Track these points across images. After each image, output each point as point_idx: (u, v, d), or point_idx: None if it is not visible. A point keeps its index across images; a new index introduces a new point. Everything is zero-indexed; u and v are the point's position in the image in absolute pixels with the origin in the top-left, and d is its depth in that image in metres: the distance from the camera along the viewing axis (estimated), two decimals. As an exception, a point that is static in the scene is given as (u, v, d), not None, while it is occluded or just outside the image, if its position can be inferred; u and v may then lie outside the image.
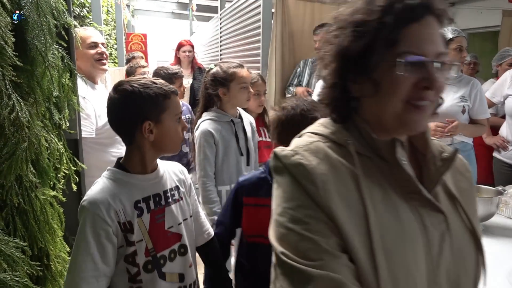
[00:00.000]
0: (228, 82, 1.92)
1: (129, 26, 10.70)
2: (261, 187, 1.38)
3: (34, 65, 1.06)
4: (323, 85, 0.78)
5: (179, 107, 1.20)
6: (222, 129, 1.96)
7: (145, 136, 1.13)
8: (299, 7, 3.39)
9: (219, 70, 1.95)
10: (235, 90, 1.93)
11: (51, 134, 1.28)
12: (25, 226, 1.01)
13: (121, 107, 1.13)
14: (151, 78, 1.18)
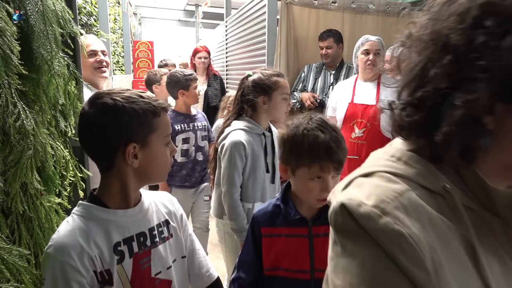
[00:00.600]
0: (271, 90, 1.82)
1: (136, 34, 10.80)
2: (276, 216, 1.28)
3: (40, 73, 1.07)
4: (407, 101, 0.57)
5: (169, 127, 1.02)
6: (253, 142, 1.84)
7: (128, 161, 0.93)
8: (304, 14, 3.40)
9: (262, 77, 1.84)
10: (276, 100, 1.83)
11: (57, 141, 1.28)
12: (30, 234, 1.01)
13: (99, 126, 0.91)
14: (136, 91, 0.98)
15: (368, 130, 2.55)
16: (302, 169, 1.16)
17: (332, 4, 3.43)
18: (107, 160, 0.94)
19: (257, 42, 3.76)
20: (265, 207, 1.33)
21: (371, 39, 2.67)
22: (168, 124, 1.01)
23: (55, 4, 1.23)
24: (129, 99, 0.93)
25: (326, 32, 3.15)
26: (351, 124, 2.61)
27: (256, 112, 1.86)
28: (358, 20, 3.50)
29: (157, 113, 0.96)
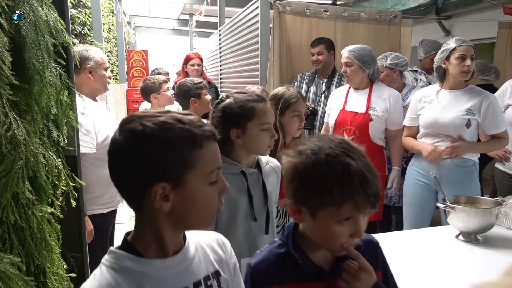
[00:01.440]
0: (244, 121, 1.46)
1: (130, 43, 10.82)
2: (283, 268, 0.96)
3: (31, 83, 1.08)
4: None
5: (216, 160, 0.80)
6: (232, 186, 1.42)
7: (156, 205, 0.74)
8: (296, 22, 3.44)
9: (232, 104, 1.48)
10: (253, 133, 1.46)
11: (50, 151, 1.29)
12: (21, 244, 1.01)
13: (123, 157, 0.75)
14: (178, 114, 0.78)
15: (356, 137, 2.57)
16: (327, 210, 0.87)
17: (324, 12, 3.47)
18: (134, 198, 0.77)
19: (250, 50, 3.79)
20: (264, 256, 1.00)
21: (344, 51, 2.67)
22: (214, 157, 0.79)
23: (48, 15, 1.24)
24: (164, 125, 0.74)
25: (317, 39, 3.19)
26: (341, 131, 2.65)
27: (232, 146, 1.49)
28: (350, 28, 3.54)
29: (197, 144, 0.75)
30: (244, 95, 1.50)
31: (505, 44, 3.98)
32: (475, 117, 2.29)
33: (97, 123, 2.00)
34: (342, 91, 2.79)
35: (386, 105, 2.60)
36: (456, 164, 2.33)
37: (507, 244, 1.78)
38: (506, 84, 2.84)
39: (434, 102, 2.41)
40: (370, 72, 2.64)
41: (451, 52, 2.30)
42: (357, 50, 2.62)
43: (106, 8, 6.65)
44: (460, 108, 2.31)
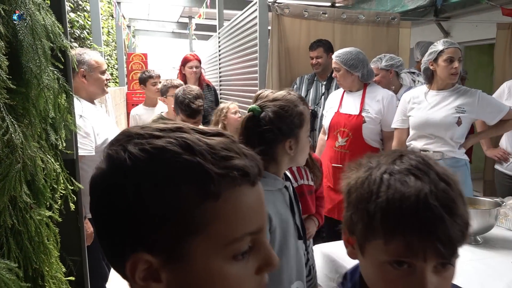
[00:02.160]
0: (298, 128, 1.31)
1: (129, 46, 10.84)
2: None
3: (28, 87, 1.08)
4: None
5: (253, 218, 0.48)
6: (278, 204, 1.28)
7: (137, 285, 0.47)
8: (294, 25, 3.44)
9: (283, 112, 1.28)
10: (304, 140, 1.33)
11: (48, 154, 1.29)
12: (19, 247, 1.01)
13: (97, 197, 0.48)
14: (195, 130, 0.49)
15: (350, 139, 2.60)
16: (374, 243, 0.66)
17: (323, 15, 3.48)
18: (116, 263, 0.49)
19: (249, 53, 3.79)
20: None
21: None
22: (246, 214, 0.47)
23: (45, 19, 1.24)
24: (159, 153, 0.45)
25: (316, 42, 3.20)
26: (335, 133, 2.67)
27: (274, 160, 1.29)
28: (349, 31, 3.55)
29: (210, 192, 0.45)
30: (286, 100, 1.31)
31: (504, 45, 3.98)
32: (465, 115, 2.31)
33: (96, 125, 2.01)
34: (338, 94, 2.81)
35: (380, 106, 2.61)
36: (448, 164, 2.34)
37: (507, 245, 1.78)
38: (503, 86, 2.85)
39: (423, 102, 2.44)
40: (359, 75, 2.64)
41: (439, 54, 2.33)
42: (343, 55, 2.65)
43: (106, 11, 6.67)
44: (449, 106, 2.34)
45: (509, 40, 3.93)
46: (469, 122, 2.39)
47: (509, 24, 3.90)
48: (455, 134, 2.34)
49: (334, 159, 2.67)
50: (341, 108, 2.71)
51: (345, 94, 2.76)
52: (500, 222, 1.96)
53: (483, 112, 2.35)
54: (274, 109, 1.27)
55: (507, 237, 1.87)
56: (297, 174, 1.86)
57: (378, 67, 3.02)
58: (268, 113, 1.27)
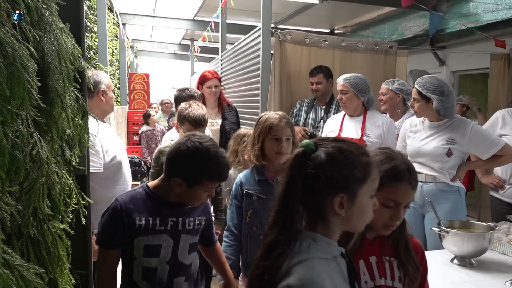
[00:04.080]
0: (360, 182, 0.99)
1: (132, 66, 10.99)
2: None
3: (52, 106, 1.15)
4: None
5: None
6: (335, 278, 0.96)
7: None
8: (296, 50, 3.57)
9: (338, 157, 0.98)
10: (364, 199, 1.01)
11: (62, 169, 1.35)
12: (37, 257, 1.06)
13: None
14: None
15: None
16: None
17: (323, 42, 3.61)
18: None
19: (251, 76, 3.90)
20: None
21: (339, 79, 2.82)
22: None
23: (67, 42, 1.33)
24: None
25: (316, 69, 3.31)
26: None
27: (321, 218, 1.00)
28: (348, 57, 3.68)
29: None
30: (350, 145, 1.02)
31: (497, 74, 4.11)
32: (456, 146, 2.36)
33: (104, 143, 2.07)
34: (338, 118, 2.89)
35: (380, 131, 2.69)
36: (439, 188, 2.41)
37: (501, 269, 1.83)
38: (497, 115, 2.94)
39: (419, 132, 2.53)
40: (364, 100, 2.74)
41: None
42: (353, 79, 2.74)
43: (111, 33, 6.83)
44: (441, 137, 2.41)
45: (502, 70, 4.07)
46: (461, 154, 2.41)
47: (502, 55, 4.04)
48: (446, 165, 2.39)
49: None
50: (342, 132, 2.79)
51: (345, 118, 2.84)
52: (494, 246, 2.02)
53: (475, 146, 2.37)
54: (329, 151, 0.98)
55: (501, 261, 1.92)
56: (376, 269, 1.27)
57: (389, 87, 3.15)
58: (321, 154, 0.98)
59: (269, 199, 1.85)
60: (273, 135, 1.86)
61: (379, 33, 6.74)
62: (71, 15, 1.51)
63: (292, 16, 6.81)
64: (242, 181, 1.97)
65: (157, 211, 1.53)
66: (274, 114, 1.92)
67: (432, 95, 2.37)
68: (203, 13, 7.42)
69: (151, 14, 8.08)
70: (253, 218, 1.91)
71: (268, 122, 1.87)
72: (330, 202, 0.98)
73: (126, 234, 1.52)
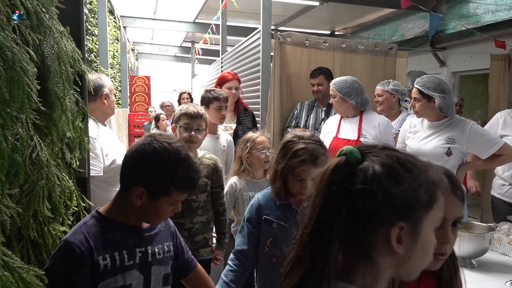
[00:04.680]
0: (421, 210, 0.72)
1: (133, 69, 11.03)
2: None
3: (52, 109, 1.16)
4: None
5: None
6: None
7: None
8: (296, 52, 3.57)
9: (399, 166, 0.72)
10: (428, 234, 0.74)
11: (63, 172, 1.36)
12: (37, 260, 1.06)
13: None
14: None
15: None
16: None
17: (323, 44, 3.61)
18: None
19: (252, 78, 3.91)
20: None
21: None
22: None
23: (67, 46, 1.34)
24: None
25: (317, 70, 3.31)
26: None
27: (365, 257, 0.71)
28: (348, 59, 3.68)
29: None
30: (408, 155, 0.75)
31: (498, 75, 4.11)
32: (455, 146, 2.36)
33: (104, 147, 2.08)
34: (335, 120, 2.90)
35: (377, 132, 2.69)
36: None
37: (501, 269, 1.83)
38: (497, 116, 2.94)
39: (418, 132, 2.55)
40: (353, 103, 2.73)
41: None
42: (339, 83, 2.75)
43: (112, 35, 6.86)
44: (440, 137, 2.41)
45: (503, 70, 4.07)
46: (460, 154, 2.40)
47: (502, 56, 4.04)
48: (446, 165, 2.33)
49: None
50: (339, 133, 2.79)
51: (342, 120, 2.85)
52: (494, 247, 2.02)
53: (474, 145, 2.37)
54: (385, 161, 0.71)
55: (501, 261, 1.92)
56: None
57: (385, 89, 3.15)
58: (374, 165, 0.70)
59: (291, 227, 1.59)
60: (296, 176, 1.53)
61: (379, 34, 6.75)
62: (71, 19, 1.52)
63: (292, 18, 6.83)
64: (262, 204, 1.66)
65: (122, 242, 1.20)
66: (302, 144, 1.52)
67: (434, 93, 2.37)
68: (204, 16, 7.45)
69: (152, 17, 8.11)
70: (273, 247, 1.62)
71: (294, 160, 1.50)
72: (384, 234, 0.68)
73: (88, 283, 1.11)
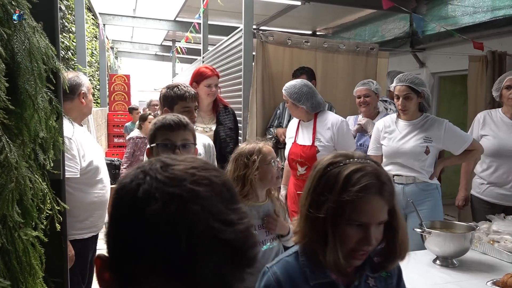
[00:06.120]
0: None
1: (112, 68, 10.84)
2: None
3: (23, 108, 1.10)
4: None
5: None
6: None
7: None
8: (278, 52, 3.55)
9: None
10: None
11: (36, 174, 1.29)
12: (7, 267, 1.01)
13: None
14: None
15: (309, 168, 2.64)
16: None
17: (306, 43, 3.61)
18: None
19: (233, 77, 3.87)
20: None
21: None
22: None
23: (40, 42, 1.27)
24: None
25: (299, 70, 3.30)
26: (294, 163, 2.74)
27: None
28: (330, 59, 3.68)
29: None
30: None
31: (476, 76, 4.19)
32: (432, 144, 2.46)
33: (81, 148, 2.01)
34: (294, 124, 2.88)
35: (331, 133, 2.66)
36: (420, 188, 2.49)
37: (482, 268, 1.84)
38: (477, 117, 2.98)
39: (394, 132, 2.57)
40: (305, 107, 2.68)
41: None
42: (288, 88, 2.72)
43: (90, 33, 6.70)
44: (418, 136, 2.48)
45: (480, 71, 4.14)
46: (436, 151, 2.52)
47: (480, 57, 4.12)
48: (425, 164, 2.48)
49: (298, 186, 2.72)
50: (297, 139, 2.78)
51: (300, 123, 2.82)
52: (474, 246, 2.03)
53: (449, 142, 2.48)
54: None
55: (482, 260, 1.94)
56: None
57: (371, 88, 3.10)
58: None
59: None
60: (353, 219, 0.95)
61: (360, 35, 6.80)
62: (44, 14, 1.46)
63: (274, 17, 6.81)
64: (281, 281, 1.03)
65: None
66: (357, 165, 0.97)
67: (423, 88, 2.48)
68: (185, 14, 7.36)
69: (131, 14, 7.97)
70: None
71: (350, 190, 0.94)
72: None
73: None
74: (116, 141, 7.58)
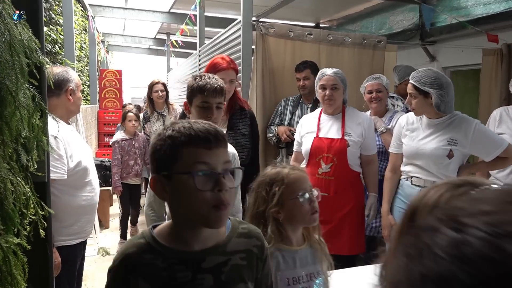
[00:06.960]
0: None
1: (103, 62, 10.81)
2: None
3: (3, 105, 1.08)
4: None
5: None
6: None
7: None
8: (279, 45, 3.53)
9: None
10: None
11: (18, 176, 1.27)
12: (-15, 277, 0.99)
13: None
14: None
15: (335, 165, 2.55)
16: None
17: (308, 36, 3.58)
18: None
19: (231, 73, 3.84)
20: None
21: (327, 73, 2.64)
22: None
23: (22, 34, 1.25)
24: None
25: (302, 64, 3.27)
26: (317, 159, 2.60)
27: None
28: (335, 52, 3.66)
29: None
30: None
31: (490, 70, 4.16)
32: (457, 147, 2.26)
33: (69, 147, 1.99)
34: (313, 118, 2.77)
35: (361, 129, 2.62)
36: None
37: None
38: (494, 114, 2.94)
39: (416, 130, 2.43)
40: (345, 96, 2.68)
41: None
42: (341, 73, 2.66)
43: (79, 26, 6.68)
44: (441, 137, 2.30)
45: (495, 66, 4.12)
46: (462, 156, 2.32)
47: (495, 50, 4.09)
48: (447, 169, 2.29)
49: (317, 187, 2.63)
50: (320, 132, 2.67)
51: (322, 117, 2.72)
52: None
53: (477, 146, 2.29)
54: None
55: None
56: None
57: (383, 83, 3.03)
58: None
59: None
60: None
61: (366, 27, 6.77)
62: (27, 4, 1.43)
63: (274, 9, 6.78)
64: None
65: None
66: None
67: (430, 89, 2.26)
68: (180, 5, 7.33)
69: (123, 6, 7.94)
70: None
71: None
72: None
73: None
74: (107, 141, 7.54)
